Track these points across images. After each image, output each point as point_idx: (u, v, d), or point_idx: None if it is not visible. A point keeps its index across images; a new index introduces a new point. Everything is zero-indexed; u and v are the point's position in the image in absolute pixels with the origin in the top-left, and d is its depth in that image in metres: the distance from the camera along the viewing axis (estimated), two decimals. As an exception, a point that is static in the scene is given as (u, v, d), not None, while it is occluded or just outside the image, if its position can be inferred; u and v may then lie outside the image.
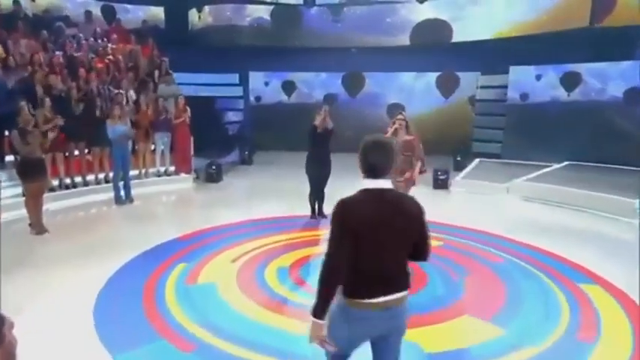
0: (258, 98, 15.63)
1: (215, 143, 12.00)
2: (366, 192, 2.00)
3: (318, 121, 6.31)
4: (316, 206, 6.62)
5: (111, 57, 10.41)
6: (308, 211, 6.60)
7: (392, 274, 1.99)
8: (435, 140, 13.55)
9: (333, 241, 1.94)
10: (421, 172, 5.35)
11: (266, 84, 15.55)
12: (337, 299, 1.97)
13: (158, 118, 9.10)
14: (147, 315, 3.87)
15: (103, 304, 4.06)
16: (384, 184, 2.00)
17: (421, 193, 9.72)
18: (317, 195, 6.56)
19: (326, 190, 6.60)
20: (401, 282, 2.01)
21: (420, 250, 2.07)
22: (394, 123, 5.36)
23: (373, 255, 1.93)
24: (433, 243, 2.28)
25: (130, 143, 8.04)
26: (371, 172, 2.01)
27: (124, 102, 8.69)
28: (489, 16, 12.87)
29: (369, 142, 2.05)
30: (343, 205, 1.97)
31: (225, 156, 11.81)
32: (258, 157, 13.26)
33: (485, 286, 4.51)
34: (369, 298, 1.95)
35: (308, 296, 3.72)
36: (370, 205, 1.96)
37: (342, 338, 2.01)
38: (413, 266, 2.12)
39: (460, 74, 14.32)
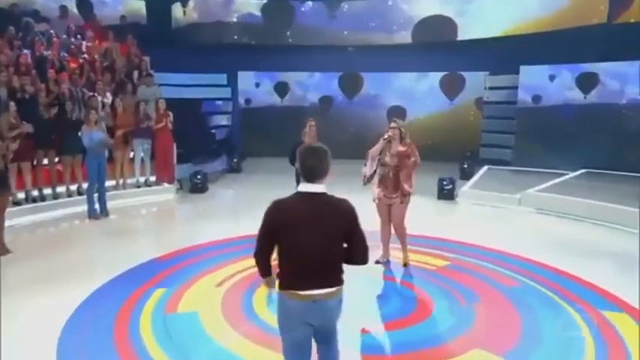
0: (247, 100, 15.60)
1: (200, 150, 11.96)
2: (299, 194, 2.39)
3: (305, 138, 6.17)
4: None
5: (85, 56, 10.32)
6: None
7: (320, 271, 2.36)
8: (440, 146, 13.78)
9: (258, 238, 2.46)
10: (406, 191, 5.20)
11: (257, 85, 15.52)
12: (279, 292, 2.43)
13: (137, 124, 9.01)
14: (117, 349, 3.71)
15: (69, 336, 3.90)
16: (317, 188, 2.37)
17: (424, 204, 9.53)
18: None
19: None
20: (330, 279, 2.40)
21: (353, 253, 2.43)
22: (388, 131, 5.26)
23: (299, 252, 2.34)
24: (439, 262, 3.08)
25: (106, 151, 7.95)
26: (306, 176, 2.39)
27: (100, 106, 8.59)
28: (498, 11, 12.87)
29: (306, 149, 2.44)
30: (272, 206, 2.40)
31: (212, 163, 11.79)
32: (248, 164, 13.16)
33: (498, 314, 4.37)
34: (298, 290, 2.36)
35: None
36: (298, 207, 2.35)
37: (286, 330, 2.45)
38: (418, 292, 2.19)
39: (466, 74, 14.31)
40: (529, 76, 12.46)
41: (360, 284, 5.01)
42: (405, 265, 5.45)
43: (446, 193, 9.31)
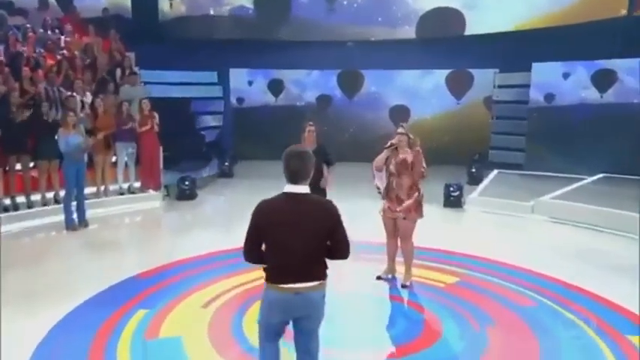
0: (240, 100, 15.51)
1: (189, 153, 11.90)
2: (284, 195, 2.73)
3: (304, 142, 6.02)
4: None
5: (64, 52, 10.19)
6: None
7: (302, 265, 2.70)
8: (446, 149, 13.77)
9: (246, 238, 2.79)
10: (417, 198, 5.14)
11: (249, 83, 15.43)
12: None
13: (120, 126, 8.91)
14: (92, 382, 3.55)
15: (39, 365, 3.74)
16: (301, 189, 2.71)
17: (429, 213, 9.50)
18: None
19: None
20: (313, 273, 2.75)
21: (335, 249, 2.77)
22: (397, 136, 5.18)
23: (282, 249, 2.69)
24: (447, 279, 3.64)
25: (85, 156, 7.89)
26: (290, 178, 2.71)
27: (79, 107, 8.49)
28: (509, 4, 12.83)
29: (289, 152, 2.74)
30: (258, 206, 2.76)
31: (201, 168, 11.74)
32: (240, 168, 13.09)
33: (513, 338, 4.24)
34: (281, 283, 2.71)
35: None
36: (282, 207, 2.70)
37: (264, 316, 2.83)
38: (425, 313, 2.14)
39: (474, 72, 14.25)
40: (542, 73, 12.38)
41: (363, 303, 4.97)
42: (404, 286, 5.28)
43: (453, 201, 9.23)
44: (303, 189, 2.73)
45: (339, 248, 2.78)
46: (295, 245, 2.69)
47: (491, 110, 14.09)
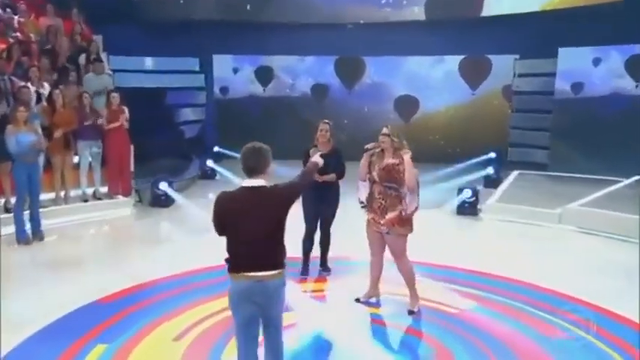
0: (223, 89, 15.43)
1: (165, 152, 11.81)
2: (242, 188, 3.26)
3: (319, 144, 5.88)
4: (310, 254, 6.22)
5: (17, 35, 9.97)
6: (296, 250, 6.10)
7: (258, 254, 3.20)
8: (459, 146, 13.75)
9: (214, 226, 3.34)
10: (407, 215, 4.90)
11: (235, 71, 15.33)
12: None
13: (83, 121, 8.73)
14: None
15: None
16: (257, 182, 3.22)
17: (440, 221, 9.33)
18: (313, 238, 6.14)
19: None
20: (269, 262, 3.22)
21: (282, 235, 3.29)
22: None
23: (239, 238, 3.20)
24: (462, 304, 4.36)
25: (41, 157, 7.69)
26: (247, 172, 3.25)
27: (34, 99, 8.29)
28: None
29: (245, 148, 3.29)
30: (217, 198, 3.30)
31: (179, 169, 11.67)
32: (224, 168, 12.82)
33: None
34: (240, 271, 3.20)
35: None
36: (238, 199, 3.24)
37: (233, 310, 3.30)
38: (435, 345, 3.04)
39: (492, 58, 14.18)
40: (569, 59, 12.35)
41: (358, 332, 4.78)
42: (411, 312, 5.13)
43: (467, 207, 9.16)
44: (259, 182, 3.25)
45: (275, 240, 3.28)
46: (249, 235, 3.19)
47: (510, 102, 14.09)
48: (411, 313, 5.12)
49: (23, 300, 5.47)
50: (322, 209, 5.97)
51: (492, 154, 12.83)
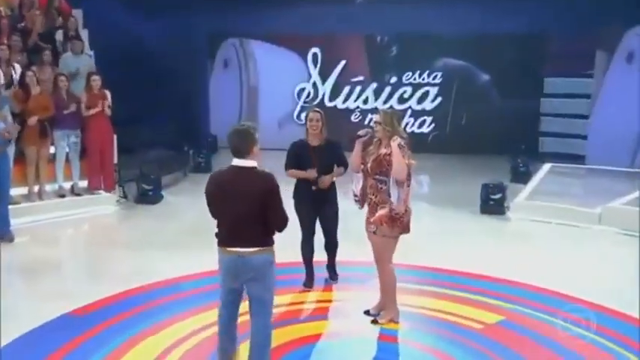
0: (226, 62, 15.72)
1: (153, 141, 11.86)
2: (230, 167, 3.75)
3: (310, 136, 5.73)
4: (312, 261, 6.07)
5: (-16, 9, 9.93)
6: (299, 256, 6.03)
7: (240, 231, 3.70)
8: (483, 135, 13.35)
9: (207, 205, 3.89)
10: (397, 214, 4.77)
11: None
12: None
13: (60, 108, 8.72)
14: None
15: None
16: (245, 162, 3.70)
17: (462, 222, 9.27)
18: (312, 243, 6.00)
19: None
20: (253, 239, 3.71)
21: (271, 220, 3.72)
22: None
23: (224, 215, 3.77)
24: (487, 317, 4.78)
25: (11, 147, 7.70)
26: (234, 153, 3.73)
27: (3, 83, 8.24)
28: None
29: (231, 129, 3.78)
30: (209, 177, 3.87)
31: (169, 161, 11.69)
32: (221, 159, 12.62)
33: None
34: (225, 246, 3.78)
35: None
36: (224, 178, 3.77)
37: (220, 278, 3.90)
38: None
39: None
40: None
41: (365, 354, 4.68)
42: (374, 321, 5.05)
43: (493, 206, 9.12)
44: (246, 162, 3.71)
45: (273, 220, 3.73)
46: (232, 212, 3.70)
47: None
48: (374, 322, 5.05)
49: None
50: (323, 209, 5.82)
51: (521, 145, 12.73)
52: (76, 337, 4.77)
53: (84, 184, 9.25)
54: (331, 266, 6.12)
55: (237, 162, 3.72)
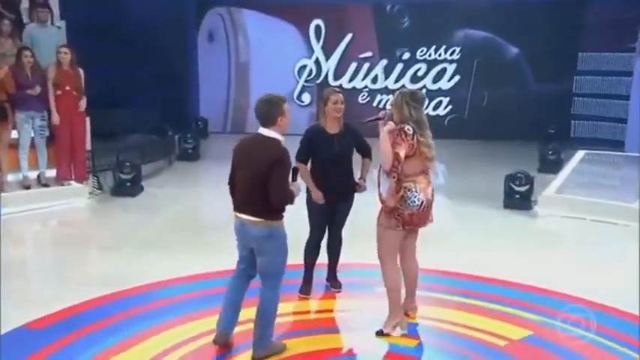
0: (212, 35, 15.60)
1: (132, 125, 12.01)
2: (255, 134, 4.36)
3: (327, 118, 5.57)
4: (314, 266, 5.94)
5: None
6: (298, 259, 5.88)
7: (245, 199, 4.29)
8: (507, 118, 13.46)
9: None
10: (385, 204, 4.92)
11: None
12: None
13: (24, 87, 8.65)
14: None
15: None
16: (265, 131, 4.26)
17: (483, 218, 9.35)
18: (320, 247, 5.87)
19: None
20: (253, 208, 4.24)
21: (270, 193, 4.15)
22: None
23: (238, 182, 4.35)
24: (512, 332, 4.97)
25: None
26: (259, 121, 4.30)
27: None
28: None
29: (259, 100, 4.33)
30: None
31: (151, 147, 11.71)
32: (211, 145, 13.08)
33: None
34: (236, 212, 4.39)
35: None
36: (245, 144, 4.39)
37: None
38: None
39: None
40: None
41: None
42: (380, 333, 5.01)
43: (518, 200, 9.09)
44: (268, 132, 4.24)
45: (271, 191, 4.11)
46: (242, 179, 4.25)
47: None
48: (379, 334, 5.00)
49: None
50: (338, 209, 5.69)
51: (550, 130, 12.89)
52: (35, 353, 4.67)
53: (52, 173, 9.21)
54: (333, 271, 5.98)
55: (260, 130, 4.27)
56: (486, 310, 5.49)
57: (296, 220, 6.44)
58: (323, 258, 5.85)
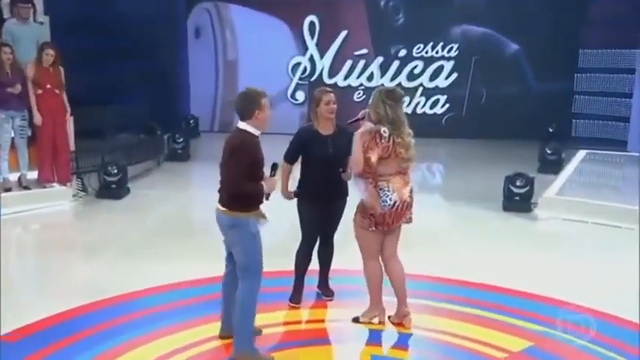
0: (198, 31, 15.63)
1: (119, 124, 11.89)
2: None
3: (320, 120, 5.49)
4: (305, 273, 5.83)
5: None
6: (289, 266, 5.81)
7: (220, 189, 4.56)
8: (506, 117, 13.53)
9: None
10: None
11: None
12: None
13: (3, 86, 8.58)
14: None
15: None
16: (241, 124, 4.45)
17: (480, 221, 9.28)
18: (313, 250, 5.77)
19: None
20: (221, 198, 4.53)
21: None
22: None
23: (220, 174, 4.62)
24: (511, 344, 4.89)
25: None
26: (237, 115, 4.51)
27: None
28: None
29: (239, 94, 4.60)
30: None
31: (139, 148, 11.64)
32: (202, 145, 13.20)
33: None
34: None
35: None
36: (226, 138, 4.64)
37: None
38: None
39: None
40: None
41: None
42: (355, 319, 5.28)
43: (517, 202, 9.05)
44: (243, 125, 4.39)
45: (226, 182, 4.39)
46: (222, 173, 4.47)
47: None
48: (355, 320, 5.23)
49: None
50: (332, 214, 5.60)
51: (550, 128, 12.90)
52: (5, 370, 4.57)
53: (33, 175, 9.16)
54: (325, 279, 5.86)
55: (238, 124, 4.43)
56: (484, 319, 5.39)
57: (285, 226, 6.33)
58: (314, 265, 5.73)
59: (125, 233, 8.11)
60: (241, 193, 4.35)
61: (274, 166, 4.51)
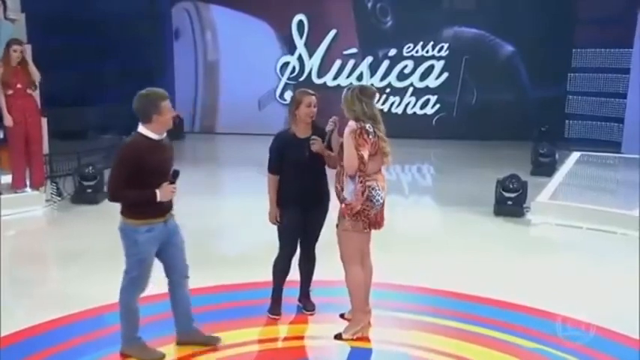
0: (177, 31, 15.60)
1: (97, 126, 11.90)
2: None
3: (298, 123, 5.33)
4: (284, 284, 5.65)
5: None
6: (266, 276, 5.66)
7: None
8: (497, 118, 13.74)
9: None
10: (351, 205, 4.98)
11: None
12: None
13: None
14: None
15: None
16: (140, 128, 4.34)
17: (471, 226, 9.11)
18: (292, 259, 5.58)
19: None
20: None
21: None
22: None
23: None
24: None
25: None
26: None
27: None
28: None
29: (138, 92, 4.44)
30: None
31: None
32: (188, 147, 12.99)
33: None
34: None
35: None
36: None
37: None
38: None
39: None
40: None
41: None
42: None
43: (509, 207, 8.95)
44: (143, 129, 4.26)
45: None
46: None
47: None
48: (337, 337, 5.10)
49: None
50: (313, 220, 5.41)
51: (543, 128, 13.00)
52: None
53: (6, 179, 9.11)
54: (306, 291, 5.67)
55: (138, 127, 4.29)
56: (472, 334, 5.20)
57: (262, 233, 6.09)
58: (293, 275, 5.54)
59: (101, 240, 7.70)
60: (120, 200, 4.36)
61: (175, 174, 4.49)
